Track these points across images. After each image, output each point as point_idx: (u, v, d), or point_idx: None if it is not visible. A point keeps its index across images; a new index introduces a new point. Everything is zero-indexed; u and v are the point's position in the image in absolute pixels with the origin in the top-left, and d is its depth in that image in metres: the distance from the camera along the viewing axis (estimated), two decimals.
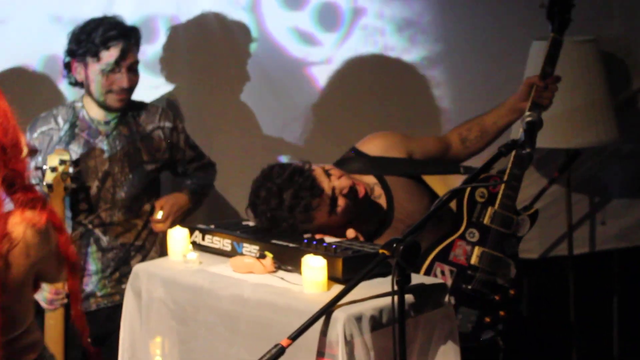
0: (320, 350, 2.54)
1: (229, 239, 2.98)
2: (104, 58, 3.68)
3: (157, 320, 2.94)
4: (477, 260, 3.49)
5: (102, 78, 3.70)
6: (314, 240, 2.86)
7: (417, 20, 4.45)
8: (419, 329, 2.69)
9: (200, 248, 3.03)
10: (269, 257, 2.83)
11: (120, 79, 3.71)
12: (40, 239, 2.43)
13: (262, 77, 4.49)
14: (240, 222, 3.20)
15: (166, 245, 3.08)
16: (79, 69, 3.74)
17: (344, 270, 2.70)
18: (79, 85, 3.80)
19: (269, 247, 2.87)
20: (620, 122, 4.21)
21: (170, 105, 4.29)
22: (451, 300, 2.87)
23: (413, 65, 4.47)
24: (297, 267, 2.74)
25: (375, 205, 3.34)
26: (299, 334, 2.44)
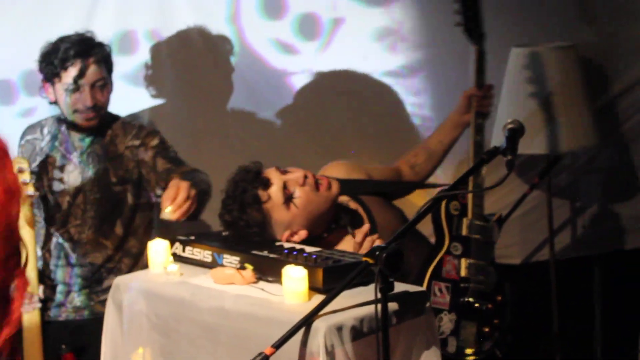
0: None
1: (209, 250, 2.96)
2: (64, 78, 3.65)
3: (139, 332, 2.92)
4: (466, 272, 3.50)
5: (67, 98, 3.66)
6: (295, 250, 2.84)
7: (397, 28, 4.44)
8: (401, 337, 2.67)
9: (181, 260, 3.00)
10: (249, 268, 2.81)
11: (84, 98, 3.65)
12: None
13: (244, 88, 4.48)
14: (221, 233, 3.17)
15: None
16: (49, 90, 3.72)
17: (325, 280, 2.68)
18: (54, 104, 3.77)
19: (249, 258, 2.85)
20: (600, 126, 4.21)
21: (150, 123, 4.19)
22: (431, 308, 2.85)
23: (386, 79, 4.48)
24: (277, 277, 2.72)
25: (351, 211, 3.31)
26: (282, 343, 2.43)
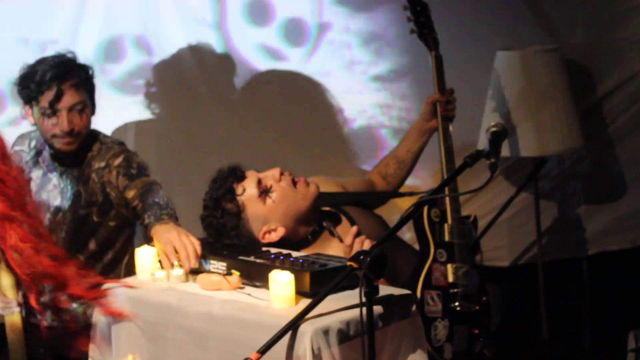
0: None
1: None
2: (41, 102, 3.55)
3: (128, 339, 2.92)
4: (453, 277, 3.52)
5: (42, 122, 3.57)
6: (281, 255, 2.85)
7: (383, 33, 4.47)
8: (387, 340, 2.69)
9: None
10: (236, 274, 2.82)
11: (60, 123, 3.54)
12: None
13: (228, 92, 4.49)
14: (207, 239, 3.18)
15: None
16: (29, 112, 3.62)
17: (312, 285, 2.69)
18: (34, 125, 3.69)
19: (236, 264, 2.86)
20: (585, 128, 4.24)
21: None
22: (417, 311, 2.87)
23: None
24: (264, 282, 2.73)
25: (334, 214, 3.33)
26: (267, 348, 2.44)
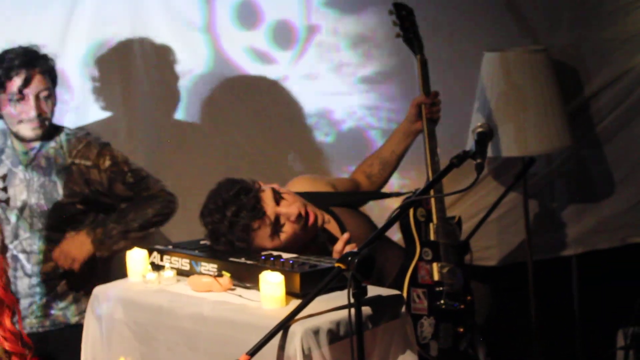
0: None
1: (187, 259, 2.98)
2: (8, 88, 3.65)
3: (119, 341, 2.93)
4: (438, 276, 3.55)
5: (11, 109, 3.67)
6: (272, 256, 2.87)
7: (371, 35, 4.49)
8: (377, 340, 2.69)
9: (159, 268, 3.02)
10: (226, 275, 2.84)
11: (28, 108, 3.66)
12: None
13: (220, 97, 4.51)
14: (199, 241, 3.20)
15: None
16: None
17: (302, 285, 2.70)
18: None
19: (226, 265, 2.87)
20: (573, 128, 4.27)
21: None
22: (407, 312, 2.90)
23: None
24: (255, 283, 2.75)
25: (328, 233, 3.35)
26: (256, 350, 2.46)
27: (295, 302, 2.63)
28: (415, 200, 2.82)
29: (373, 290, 2.72)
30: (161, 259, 3.05)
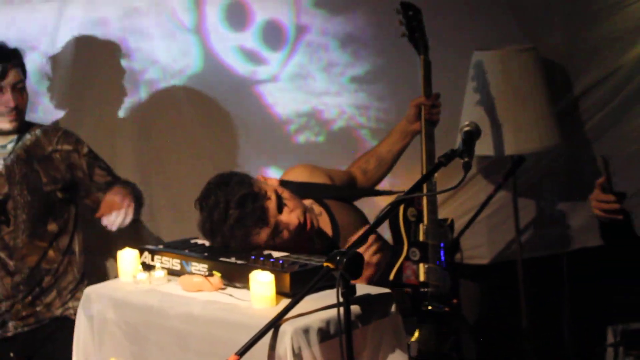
0: None
1: (177, 259, 2.99)
2: None
3: (111, 341, 2.94)
4: (424, 277, 3.55)
5: None
6: (262, 256, 2.88)
7: (360, 35, 4.50)
8: (367, 339, 2.71)
9: (150, 268, 3.03)
10: (217, 275, 2.85)
11: (6, 99, 3.75)
12: None
13: (209, 96, 4.52)
14: (189, 240, 3.21)
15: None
16: None
17: (292, 285, 2.71)
18: None
19: (217, 265, 2.88)
20: (562, 127, 4.28)
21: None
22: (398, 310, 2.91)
23: None
24: (245, 283, 2.76)
25: (321, 233, 3.37)
26: (246, 350, 2.46)
27: (286, 302, 2.64)
28: (405, 198, 2.82)
29: (362, 289, 2.74)
30: (152, 259, 3.05)
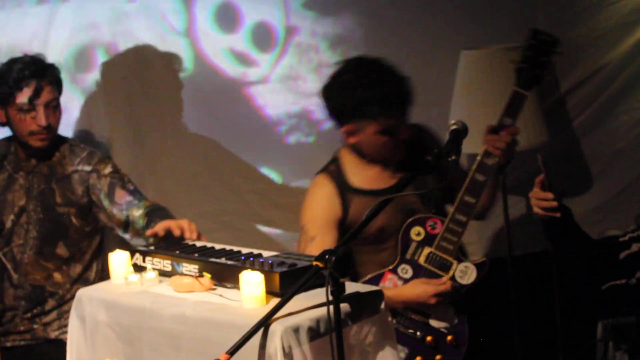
0: None
1: (168, 260, 2.99)
2: (18, 98, 3.64)
3: (104, 343, 2.94)
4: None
5: (20, 117, 3.66)
6: (252, 256, 2.89)
7: (349, 35, 4.50)
8: (358, 336, 2.72)
9: (141, 269, 3.02)
10: (207, 276, 2.85)
11: (38, 118, 3.65)
12: None
13: (199, 99, 4.52)
14: (180, 241, 3.21)
15: None
16: (0, 111, 3.71)
17: (281, 284, 2.72)
18: (6, 125, 3.76)
19: (207, 266, 2.89)
20: (551, 124, 4.30)
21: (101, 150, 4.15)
22: (387, 307, 2.91)
23: None
24: (236, 283, 2.76)
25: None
26: (236, 349, 2.47)
27: (276, 301, 2.64)
28: (391, 198, 2.82)
29: (352, 287, 2.74)
30: (143, 261, 3.06)
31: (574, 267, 4.50)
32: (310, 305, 2.65)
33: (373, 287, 2.85)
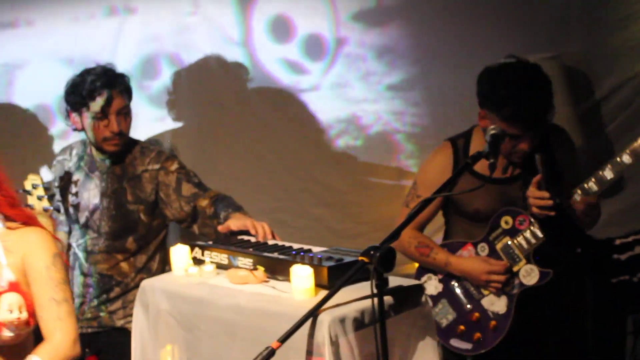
0: (309, 350, 2.57)
1: (225, 254, 3.00)
2: (92, 107, 3.68)
3: (165, 330, 2.97)
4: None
5: (94, 125, 3.70)
6: (302, 251, 2.90)
7: (395, 46, 4.49)
8: (400, 327, 2.71)
9: (200, 262, 3.04)
10: (261, 269, 2.86)
11: (110, 125, 3.69)
12: None
13: (255, 105, 4.54)
14: (236, 237, 3.23)
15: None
16: (76, 119, 3.75)
17: (329, 278, 2.72)
18: (80, 131, 3.80)
19: (261, 260, 2.90)
20: (585, 129, 4.25)
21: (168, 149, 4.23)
22: (428, 300, 2.90)
23: None
24: (287, 276, 2.77)
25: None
26: (287, 337, 2.48)
27: (324, 293, 2.64)
28: (432, 198, 2.81)
29: (395, 281, 2.73)
30: (202, 254, 3.08)
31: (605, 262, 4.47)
32: (355, 297, 2.65)
33: (414, 281, 2.84)
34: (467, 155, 3.54)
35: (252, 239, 3.20)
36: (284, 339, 2.47)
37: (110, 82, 3.70)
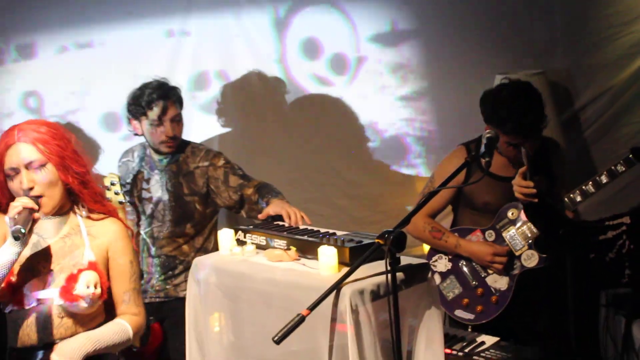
0: (333, 317, 2.56)
1: (263, 236, 3.00)
2: (150, 115, 3.70)
3: (213, 300, 2.96)
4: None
5: (151, 130, 3.72)
6: (328, 234, 2.89)
7: (407, 63, 4.48)
8: (410, 299, 2.70)
9: (242, 243, 3.05)
10: (293, 249, 2.87)
11: (166, 131, 3.71)
12: None
13: (290, 113, 4.54)
14: (272, 222, 3.23)
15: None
16: (137, 125, 3.77)
17: (351, 257, 2.71)
18: (140, 136, 3.82)
19: (293, 241, 2.90)
20: (566, 133, 4.23)
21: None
22: (434, 277, 2.89)
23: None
24: (315, 255, 2.77)
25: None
26: (315, 306, 2.48)
27: (345, 270, 2.64)
28: (437, 190, 2.80)
29: (405, 260, 2.73)
30: (244, 236, 3.06)
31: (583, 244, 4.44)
32: (372, 273, 2.64)
33: (422, 260, 2.82)
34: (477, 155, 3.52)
35: (286, 224, 3.20)
36: (312, 307, 2.47)
37: (165, 94, 3.70)
